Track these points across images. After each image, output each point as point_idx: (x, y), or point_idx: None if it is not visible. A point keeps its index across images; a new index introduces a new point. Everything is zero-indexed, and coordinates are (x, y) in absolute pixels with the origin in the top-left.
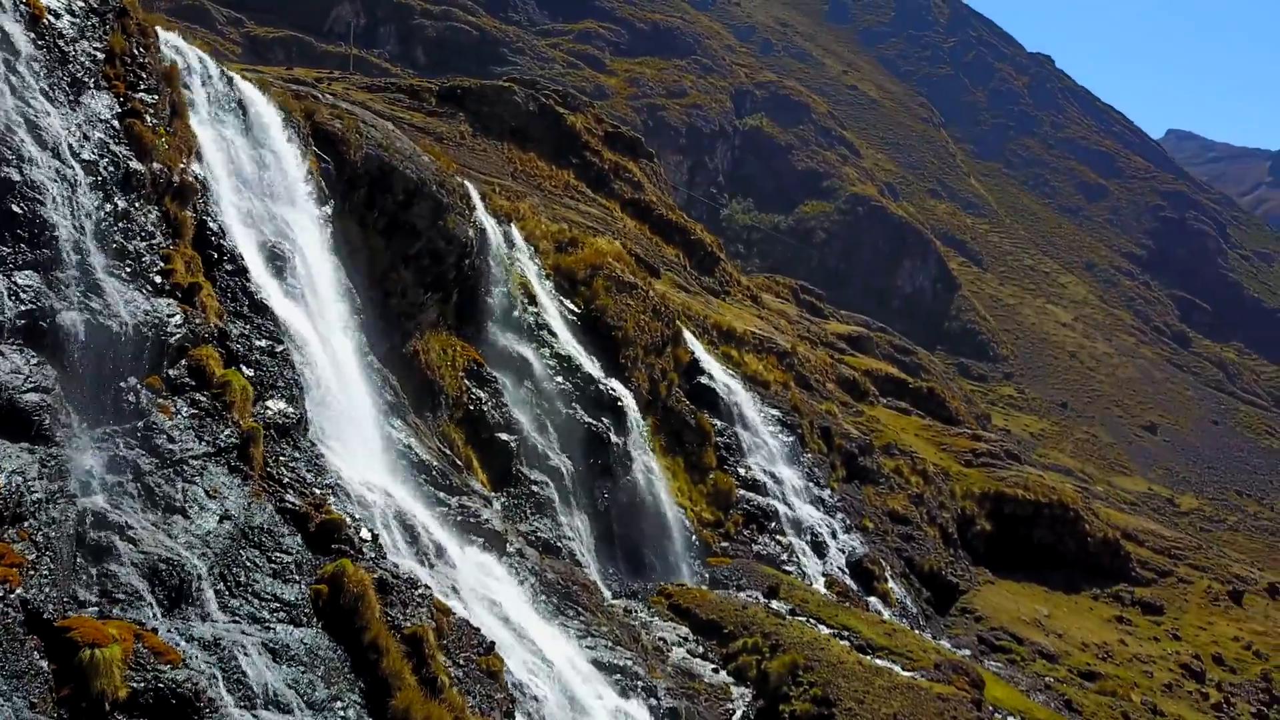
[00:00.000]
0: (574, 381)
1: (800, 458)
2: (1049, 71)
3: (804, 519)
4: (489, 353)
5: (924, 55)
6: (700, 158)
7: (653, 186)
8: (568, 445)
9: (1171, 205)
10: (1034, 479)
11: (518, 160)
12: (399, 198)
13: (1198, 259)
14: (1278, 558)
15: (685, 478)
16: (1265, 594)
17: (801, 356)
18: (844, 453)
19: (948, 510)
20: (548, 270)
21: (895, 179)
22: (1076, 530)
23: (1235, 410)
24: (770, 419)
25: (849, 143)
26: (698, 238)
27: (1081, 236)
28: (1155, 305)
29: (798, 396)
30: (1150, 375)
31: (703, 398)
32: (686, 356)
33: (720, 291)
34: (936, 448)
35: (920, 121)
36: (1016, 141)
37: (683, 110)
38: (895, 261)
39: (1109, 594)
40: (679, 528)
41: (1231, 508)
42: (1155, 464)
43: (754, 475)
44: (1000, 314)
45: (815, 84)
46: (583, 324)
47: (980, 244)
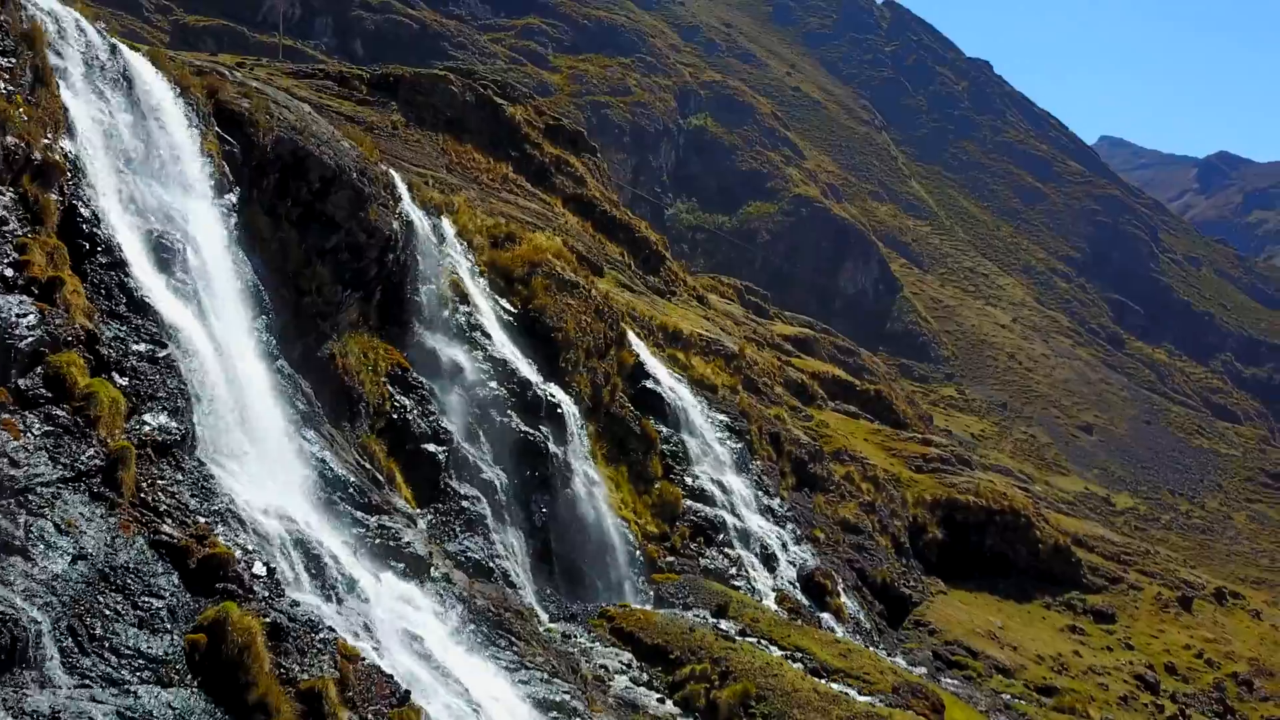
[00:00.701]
0: (509, 387)
1: (749, 465)
2: (988, 77)
3: (753, 530)
4: (416, 356)
5: (866, 58)
6: (644, 156)
7: (596, 182)
8: (502, 456)
9: (1106, 210)
10: (984, 485)
11: (454, 152)
12: (315, 186)
13: (1131, 262)
14: (1210, 556)
15: (629, 488)
16: (1213, 600)
17: (749, 359)
18: (794, 459)
19: (899, 518)
20: (482, 267)
21: (838, 180)
22: (1028, 537)
23: (1167, 411)
24: (718, 425)
25: (792, 144)
26: (642, 235)
27: (1019, 239)
28: (1090, 307)
29: (746, 401)
30: (1086, 376)
31: (648, 403)
32: (631, 360)
33: (666, 291)
34: (886, 453)
35: (862, 124)
36: (956, 145)
37: (627, 108)
38: (838, 263)
39: (1061, 602)
40: (622, 543)
41: (1165, 507)
42: (1091, 464)
43: (701, 485)
44: (941, 315)
45: (759, 85)
46: (520, 325)
47: (921, 246)
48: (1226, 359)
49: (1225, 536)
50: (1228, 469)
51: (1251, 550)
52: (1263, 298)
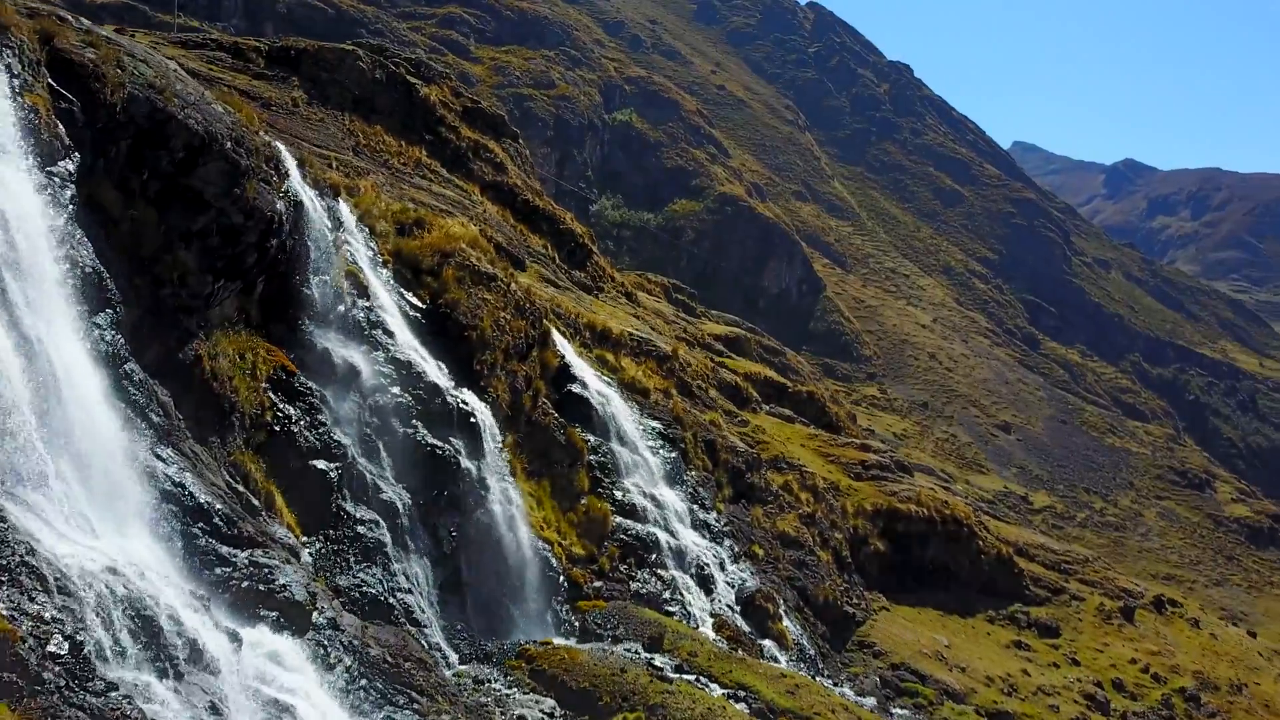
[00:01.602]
0: (415, 393)
1: (683, 476)
2: (908, 80)
3: (688, 549)
4: (305, 358)
5: (790, 59)
6: (568, 151)
7: (517, 169)
8: (406, 473)
9: (1021, 213)
10: (925, 493)
11: (361, 133)
12: (178, 156)
13: (1044, 265)
14: (1123, 553)
15: (552, 505)
16: (1152, 609)
17: (683, 360)
18: (730, 469)
19: (839, 530)
20: (386, 256)
21: (762, 180)
22: (970, 548)
23: (1081, 410)
24: (651, 432)
25: (717, 141)
26: (567, 228)
27: (939, 240)
28: (1007, 308)
29: (680, 406)
30: (1003, 376)
31: (574, 409)
32: (555, 361)
33: (593, 288)
34: (824, 459)
35: (786, 124)
36: (878, 146)
37: (550, 102)
38: (762, 262)
39: (1004, 615)
40: (544, 568)
41: (1080, 505)
42: (1010, 462)
43: (632, 499)
44: (863, 315)
45: (684, 82)
46: (428, 322)
47: (844, 246)
48: (1135, 360)
49: (1137, 534)
50: (1139, 467)
51: (1161, 547)
52: (1168, 300)
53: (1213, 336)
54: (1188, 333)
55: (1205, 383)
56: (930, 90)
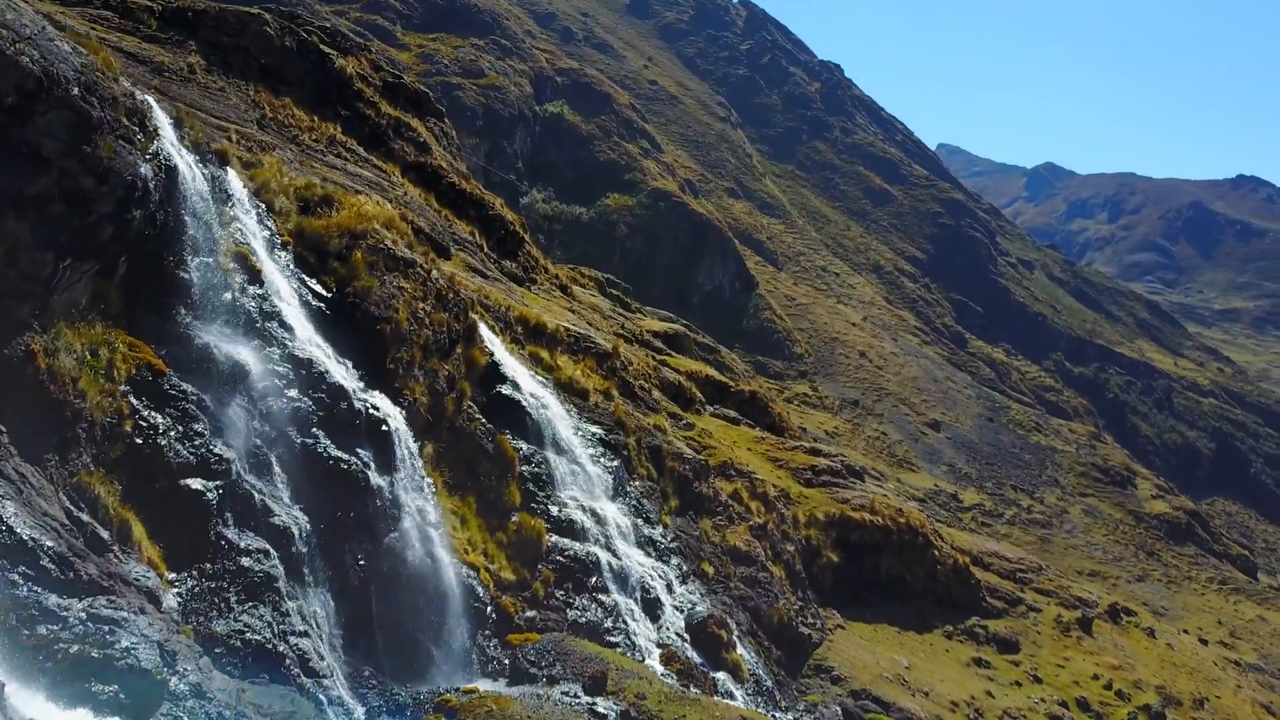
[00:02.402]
0: (316, 397)
1: (626, 487)
2: (838, 79)
3: (632, 570)
4: (180, 355)
5: (722, 56)
6: (498, 142)
7: (443, 150)
8: (304, 491)
9: (949, 213)
10: (879, 500)
11: (268, 105)
12: (7, 101)
13: (971, 264)
14: (1050, 550)
15: (479, 524)
16: (1107, 618)
17: (624, 358)
18: (677, 477)
19: (791, 542)
20: (285, 237)
21: (695, 176)
22: (926, 558)
23: (1008, 408)
24: (591, 439)
25: (650, 136)
26: (497, 214)
27: (868, 239)
28: (935, 307)
29: (622, 408)
30: (932, 374)
31: (504, 414)
32: (483, 359)
33: (525, 279)
34: (773, 464)
35: (719, 120)
36: (809, 145)
37: (480, 91)
38: (696, 259)
39: (962, 630)
40: (468, 597)
41: (1008, 502)
42: (939, 460)
43: (570, 515)
44: (794, 313)
45: (616, 76)
46: (334, 314)
47: (775, 244)
48: (1057, 359)
49: (1063, 530)
50: (1063, 464)
51: (1086, 544)
52: (1088, 301)
53: (1130, 336)
54: (1107, 332)
55: (1124, 381)
56: (860, 90)
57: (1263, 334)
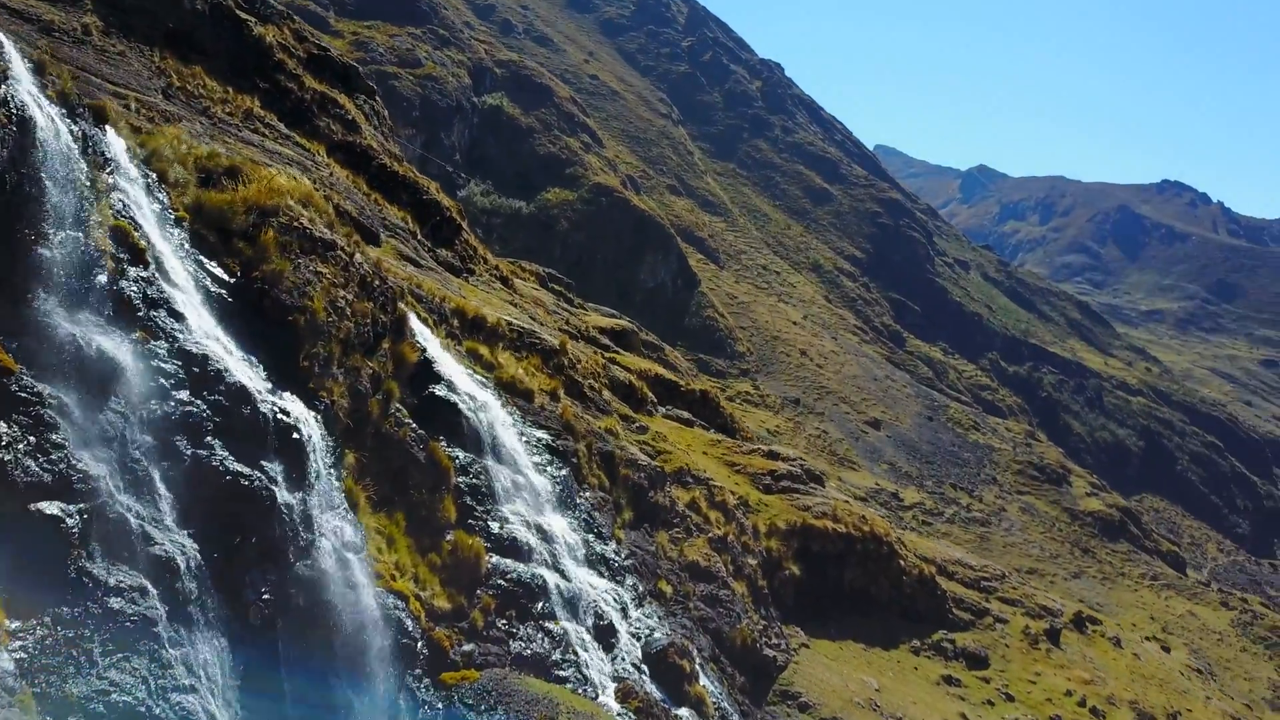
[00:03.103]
0: (212, 400)
1: (576, 499)
2: (779, 78)
3: (583, 593)
4: (35, 349)
5: (663, 52)
6: (436, 133)
7: (373, 130)
8: (194, 514)
9: (887, 213)
10: (840, 507)
11: (175, 73)
12: None
13: (909, 264)
14: (989, 548)
15: (408, 545)
16: (1073, 627)
17: (572, 356)
18: (631, 486)
19: (752, 554)
20: (181, 211)
21: (636, 172)
22: (891, 568)
23: (946, 407)
24: (536, 445)
25: (592, 131)
26: (432, 199)
27: (809, 238)
28: (874, 306)
29: (571, 411)
30: (872, 373)
31: (438, 418)
32: (414, 356)
33: (462, 269)
34: (730, 469)
35: (660, 117)
36: (750, 144)
37: (417, 81)
38: (638, 255)
39: (930, 645)
40: (395, 632)
41: (948, 501)
42: (880, 459)
43: (513, 532)
44: (736, 311)
45: (557, 70)
46: (238, 302)
47: (717, 242)
48: (993, 358)
49: (1001, 528)
50: (1001, 463)
51: (1024, 541)
52: (1021, 301)
53: (1062, 336)
54: (1040, 332)
55: (1057, 380)
56: (800, 89)
57: (1186, 334)
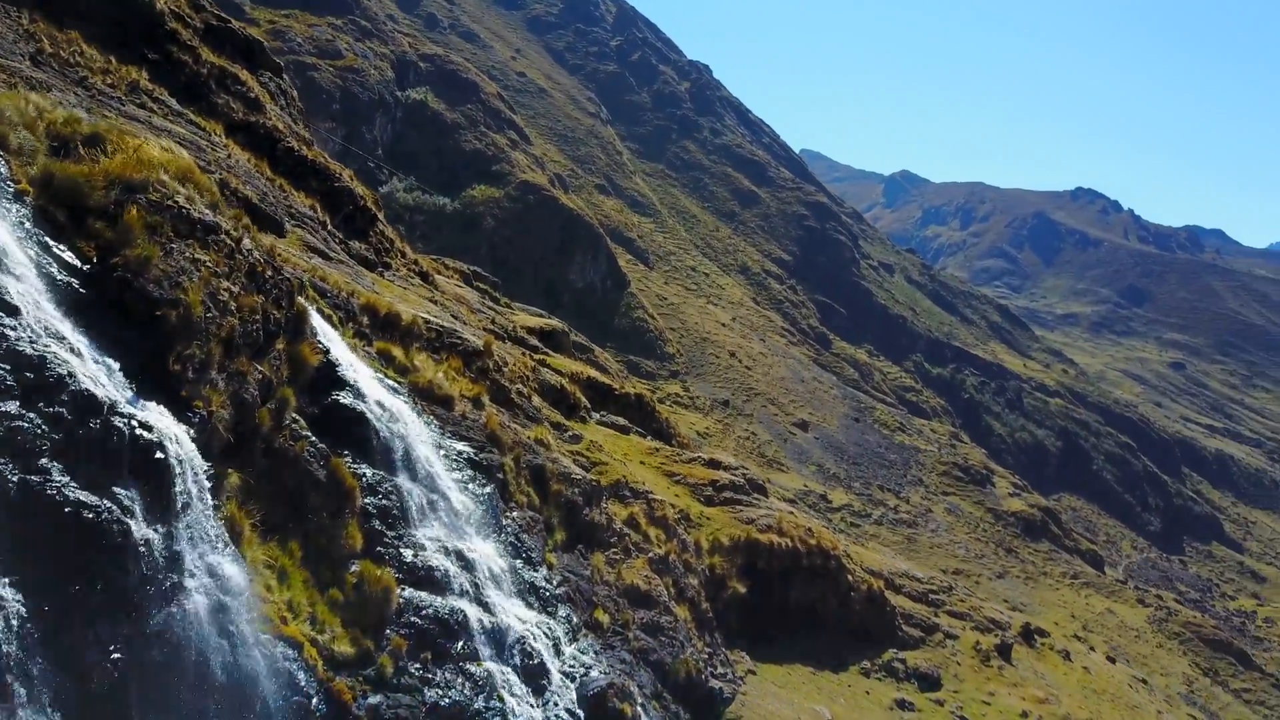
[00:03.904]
0: (51, 411)
1: (502, 520)
2: (707, 80)
3: (510, 627)
4: None
5: (592, 50)
6: (357, 128)
7: (280, 110)
8: (23, 558)
9: (814, 216)
10: (786, 519)
11: (46, 38)
12: None
13: (835, 267)
14: (916, 550)
15: (304, 579)
16: (1022, 640)
17: (498, 358)
18: (564, 504)
19: (694, 574)
20: (22, 183)
21: (565, 171)
22: (839, 585)
23: (872, 408)
24: (456, 459)
25: (519, 128)
26: (345, 187)
27: (737, 241)
28: (801, 308)
29: (496, 420)
30: (800, 375)
31: (343, 429)
32: (315, 358)
33: (377, 263)
34: (669, 480)
35: (588, 116)
36: (678, 144)
37: (337, 73)
38: (567, 255)
39: (880, 666)
40: (285, 686)
41: (875, 502)
42: (808, 460)
43: (429, 560)
44: (666, 312)
45: (483, 66)
46: (92, 294)
47: (646, 242)
48: (917, 360)
49: (928, 530)
50: (926, 464)
51: (950, 542)
52: (944, 304)
53: (983, 339)
54: (962, 335)
55: (978, 382)
56: (728, 91)
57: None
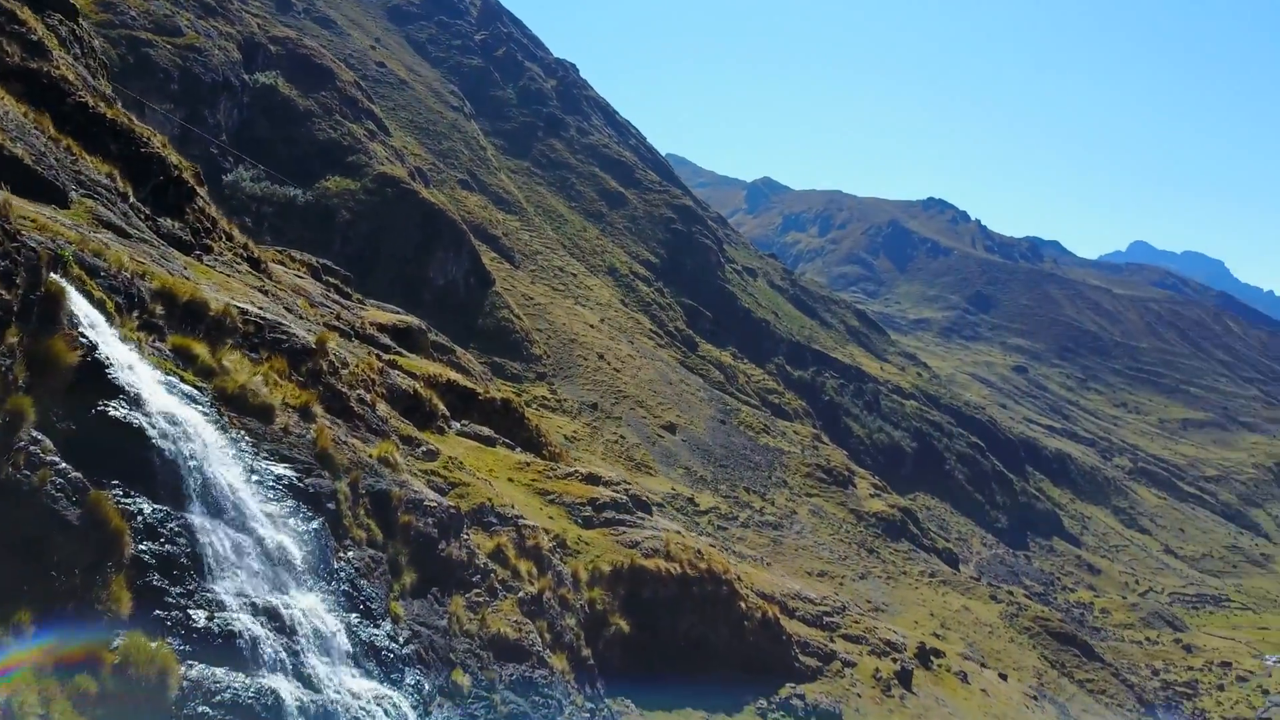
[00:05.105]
0: None
1: (333, 563)
2: (574, 78)
3: (340, 706)
4: None
5: (455, 44)
6: (198, 110)
7: (73, 60)
8: None
9: (681, 219)
10: (674, 540)
11: None
12: None
13: (701, 270)
14: (781, 552)
15: (34, 666)
16: (918, 662)
17: (335, 358)
18: (415, 537)
19: (573, 613)
20: None
21: (426, 165)
22: (732, 613)
23: (738, 410)
24: (275, 487)
25: (378, 119)
26: (154, 153)
27: (604, 241)
28: (668, 311)
29: (329, 435)
30: (667, 377)
31: (112, 452)
32: (72, 356)
33: (194, 244)
34: (542, 499)
35: (451, 110)
36: (545, 142)
37: (176, 52)
38: (428, 251)
39: (778, 704)
40: None
41: (742, 505)
42: (676, 463)
43: (229, 623)
44: (532, 313)
45: (340, 54)
46: None
47: (512, 240)
48: (779, 362)
49: (793, 531)
50: (790, 465)
51: (814, 544)
52: (805, 308)
53: (842, 342)
54: (822, 338)
55: (838, 384)
56: (595, 91)
57: (949, 342)
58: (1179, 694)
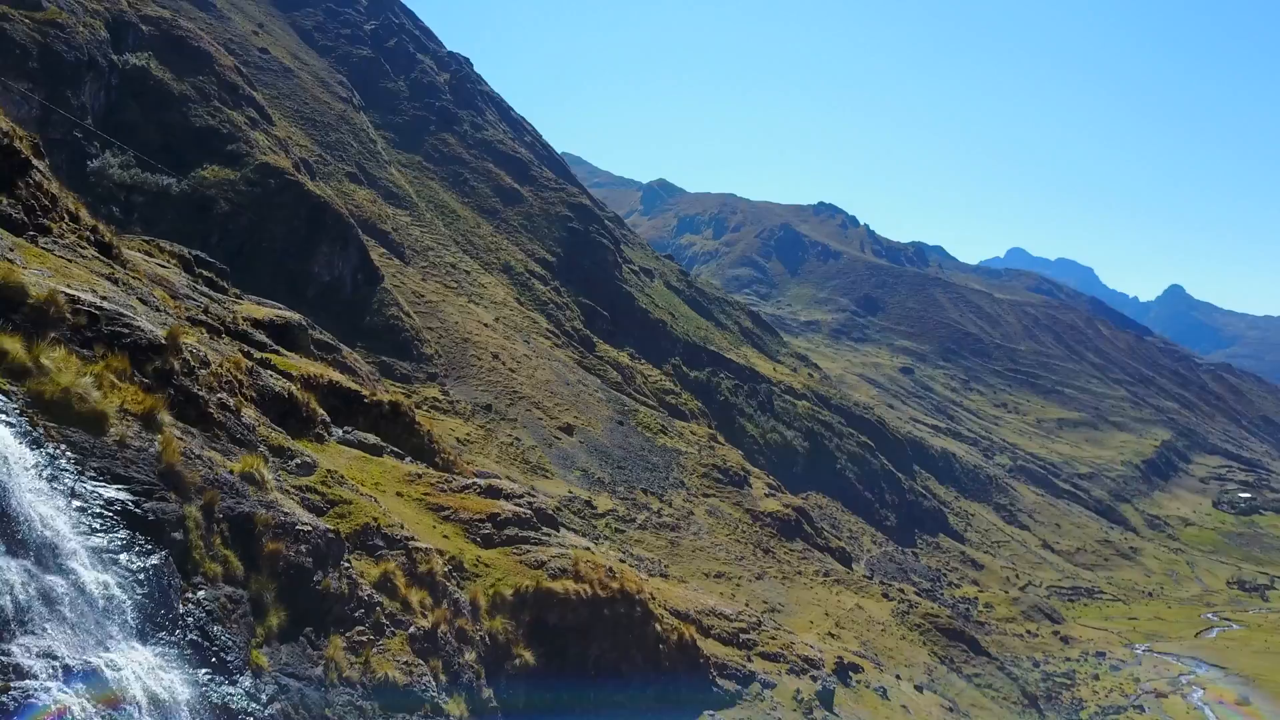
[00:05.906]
0: None
1: (179, 606)
2: (468, 73)
3: None
4: None
5: (344, 33)
6: (60, 91)
7: None
8: None
9: (577, 218)
10: (583, 559)
11: None
12: None
13: (598, 270)
14: (679, 554)
15: None
16: (837, 679)
17: (192, 356)
18: (284, 569)
19: (472, 647)
20: None
21: (312, 156)
22: (646, 636)
23: (635, 410)
24: (104, 515)
25: (260, 106)
26: None
27: (499, 239)
28: (565, 310)
29: (178, 448)
30: (564, 377)
31: None
32: None
33: (28, 225)
34: (435, 516)
35: (339, 100)
36: (437, 137)
37: (35, 27)
38: (312, 246)
39: None
40: None
41: (640, 507)
42: (573, 465)
43: (28, 694)
44: (423, 311)
45: (220, 38)
46: None
47: (402, 236)
48: (676, 363)
49: (690, 532)
50: (688, 466)
51: (711, 545)
52: (700, 309)
53: (736, 343)
54: (717, 339)
55: (733, 385)
56: (490, 87)
57: (838, 343)
58: (1058, 684)
